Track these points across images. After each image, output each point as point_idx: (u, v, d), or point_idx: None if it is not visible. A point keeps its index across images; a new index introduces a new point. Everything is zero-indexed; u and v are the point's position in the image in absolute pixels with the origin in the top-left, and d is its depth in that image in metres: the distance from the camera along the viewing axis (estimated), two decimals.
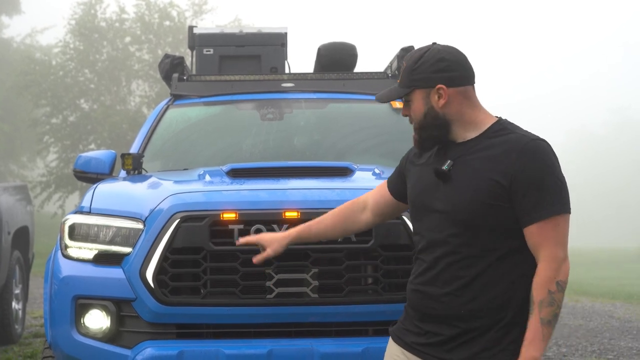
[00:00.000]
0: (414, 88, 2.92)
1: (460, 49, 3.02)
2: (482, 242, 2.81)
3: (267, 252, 3.29)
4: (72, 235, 4.11)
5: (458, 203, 2.82)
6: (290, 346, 3.82)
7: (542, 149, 2.81)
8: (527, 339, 2.75)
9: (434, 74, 2.90)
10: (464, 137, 2.91)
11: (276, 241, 3.29)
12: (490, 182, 2.79)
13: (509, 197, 2.78)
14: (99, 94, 28.66)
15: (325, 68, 6.54)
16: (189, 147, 5.79)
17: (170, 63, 6.23)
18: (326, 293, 3.83)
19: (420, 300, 2.93)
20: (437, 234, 2.88)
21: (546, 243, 2.76)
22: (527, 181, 2.76)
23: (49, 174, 27.83)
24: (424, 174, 2.98)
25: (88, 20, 28.48)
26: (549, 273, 2.75)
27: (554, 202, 2.77)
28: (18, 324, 8.49)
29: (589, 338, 8.89)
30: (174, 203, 3.91)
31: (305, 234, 3.33)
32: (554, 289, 2.75)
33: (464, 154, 2.88)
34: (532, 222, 2.76)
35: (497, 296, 2.82)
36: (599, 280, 18.27)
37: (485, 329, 2.84)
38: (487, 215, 2.79)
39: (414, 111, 2.93)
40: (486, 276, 2.82)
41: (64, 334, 4.00)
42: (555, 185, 2.78)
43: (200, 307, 3.84)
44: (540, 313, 2.74)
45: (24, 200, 8.98)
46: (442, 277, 2.86)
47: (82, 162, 5.32)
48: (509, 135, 2.86)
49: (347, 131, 5.89)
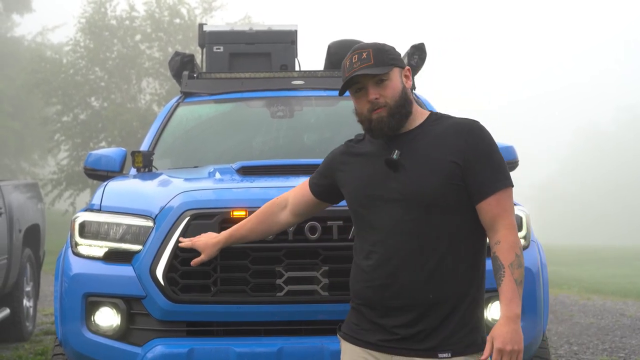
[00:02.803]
0: (393, 66, 3.04)
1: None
2: (439, 224, 2.93)
3: (201, 257, 3.61)
4: (82, 233, 4.11)
5: (417, 188, 2.93)
6: (300, 344, 3.82)
7: (484, 130, 3.02)
8: (506, 299, 2.89)
9: (400, 57, 3.10)
10: (407, 127, 3.04)
11: (208, 247, 3.58)
12: (446, 163, 2.93)
13: (462, 176, 2.93)
14: (109, 92, 28.73)
15: (335, 65, 6.53)
16: (199, 144, 5.79)
17: (180, 61, 6.23)
18: (336, 291, 3.82)
19: (380, 294, 2.97)
20: (394, 222, 2.96)
21: (504, 213, 2.95)
22: (479, 157, 2.94)
23: (59, 171, 27.91)
24: (367, 166, 3.08)
25: (98, 18, 28.54)
26: (513, 238, 2.94)
27: (505, 175, 2.98)
28: (29, 322, 8.51)
29: (600, 336, 8.86)
30: (184, 201, 3.91)
31: (233, 238, 3.55)
32: (519, 253, 2.94)
33: (410, 143, 3.00)
34: (490, 194, 2.93)
35: (461, 277, 2.94)
36: (610, 278, 18.21)
37: (452, 311, 2.93)
38: (447, 195, 2.92)
39: (393, 89, 3.03)
40: (449, 258, 2.93)
41: (74, 331, 4.01)
42: (502, 161, 2.99)
43: (210, 304, 3.84)
44: (512, 274, 2.90)
45: (35, 198, 9.00)
46: (405, 265, 2.93)
47: (92, 159, 5.32)
48: (450, 120, 3.05)
49: (357, 128, 5.86)
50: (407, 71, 3.10)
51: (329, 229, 3.83)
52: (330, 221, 3.83)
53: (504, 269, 2.89)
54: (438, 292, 2.92)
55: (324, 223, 3.83)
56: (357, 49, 3.06)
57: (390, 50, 3.07)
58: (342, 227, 3.83)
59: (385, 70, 3.00)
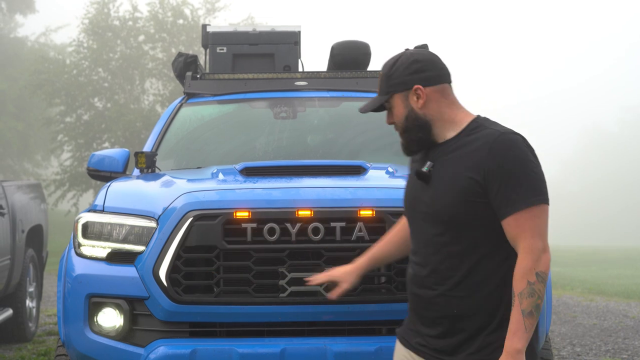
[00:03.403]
0: (392, 93, 2.99)
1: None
2: (466, 239, 2.84)
3: (344, 286, 3.45)
4: (85, 234, 4.11)
5: (439, 203, 2.87)
6: (303, 345, 3.81)
7: (513, 142, 2.83)
8: (510, 331, 2.76)
9: (409, 76, 2.96)
10: (443, 137, 2.96)
11: (348, 274, 3.45)
12: (465, 179, 2.83)
13: (484, 193, 2.81)
14: (112, 92, 28.73)
15: (339, 66, 6.53)
16: (202, 145, 5.79)
17: (183, 61, 6.23)
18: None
19: (416, 302, 2.97)
20: (424, 235, 2.94)
21: (523, 234, 2.77)
22: (499, 174, 2.79)
23: (63, 172, 27.92)
24: (411, 176, 3.06)
25: (101, 19, 28.54)
26: (528, 264, 2.76)
27: (529, 193, 2.79)
28: (32, 322, 8.52)
29: (603, 337, 8.85)
30: (187, 201, 3.90)
31: (375, 262, 3.45)
32: (534, 280, 2.75)
33: (443, 154, 2.93)
34: (509, 214, 2.78)
35: (490, 294, 2.85)
36: (613, 279, 18.18)
37: (480, 328, 2.85)
38: (467, 213, 2.82)
39: (397, 116, 3.00)
40: (476, 274, 2.84)
41: (77, 332, 4.01)
42: (529, 177, 2.80)
43: (213, 305, 3.84)
44: (521, 305, 2.75)
45: (38, 198, 9.01)
46: (432, 278, 2.90)
47: (95, 160, 5.32)
48: (482, 132, 2.89)
49: (361, 130, 5.88)
50: (417, 90, 2.95)
51: (332, 230, 3.82)
52: (333, 222, 3.82)
53: (514, 297, 2.77)
54: (462, 308, 2.85)
55: (327, 224, 3.83)
56: (383, 65, 3.06)
57: (394, 74, 2.98)
58: (345, 228, 3.83)
59: (381, 100, 3.02)
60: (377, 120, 5.91)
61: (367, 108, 3.09)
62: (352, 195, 3.93)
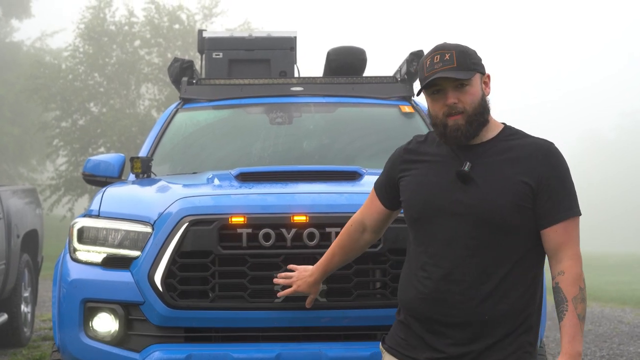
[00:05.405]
0: (476, 72, 2.90)
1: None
2: (507, 243, 2.82)
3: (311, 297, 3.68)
4: (80, 239, 4.11)
5: (488, 204, 2.81)
6: (298, 350, 3.81)
7: (561, 154, 2.88)
8: (569, 335, 2.76)
9: (482, 63, 2.94)
10: (483, 136, 2.91)
11: (309, 285, 3.60)
12: (518, 183, 2.81)
13: (533, 198, 2.81)
14: (108, 97, 28.69)
15: (335, 72, 6.54)
16: (198, 150, 5.79)
17: (179, 67, 6.24)
18: (335, 297, 3.82)
19: (433, 308, 2.86)
20: (456, 237, 2.84)
21: (571, 242, 2.83)
22: (553, 182, 2.82)
23: (58, 177, 27.85)
24: (430, 172, 2.94)
25: (97, 24, 28.50)
26: (577, 270, 2.81)
27: (574, 203, 2.85)
28: (27, 327, 8.51)
29: (598, 343, 8.86)
30: (182, 207, 3.91)
31: (328, 271, 3.52)
32: (583, 285, 2.82)
33: (482, 156, 2.88)
34: (559, 221, 2.81)
35: (519, 300, 2.83)
36: (609, 284, 18.20)
37: (505, 335, 2.82)
38: (514, 217, 2.81)
39: (473, 95, 2.88)
40: (508, 280, 2.82)
41: (72, 337, 4.01)
42: (573, 188, 2.87)
43: (208, 310, 3.84)
44: (576, 309, 2.78)
45: (33, 203, 9.00)
46: (463, 282, 2.82)
47: (91, 165, 5.33)
48: (527, 139, 2.91)
49: (356, 135, 5.89)
50: (487, 78, 2.95)
51: (328, 235, 3.82)
52: (328, 227, 3.82)
53: (567, 302, 2.76)
54: (494, 313, 2.80)
55: (322, 229, 3.83)
56: (439, 48, 2.88)
57: (473, 54, 2.91)
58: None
59: (468, 75, 2.84)
60: (372, 126, 5.94)
61: (450, 75, 2.84)
62: (347, 200, 3.93)
